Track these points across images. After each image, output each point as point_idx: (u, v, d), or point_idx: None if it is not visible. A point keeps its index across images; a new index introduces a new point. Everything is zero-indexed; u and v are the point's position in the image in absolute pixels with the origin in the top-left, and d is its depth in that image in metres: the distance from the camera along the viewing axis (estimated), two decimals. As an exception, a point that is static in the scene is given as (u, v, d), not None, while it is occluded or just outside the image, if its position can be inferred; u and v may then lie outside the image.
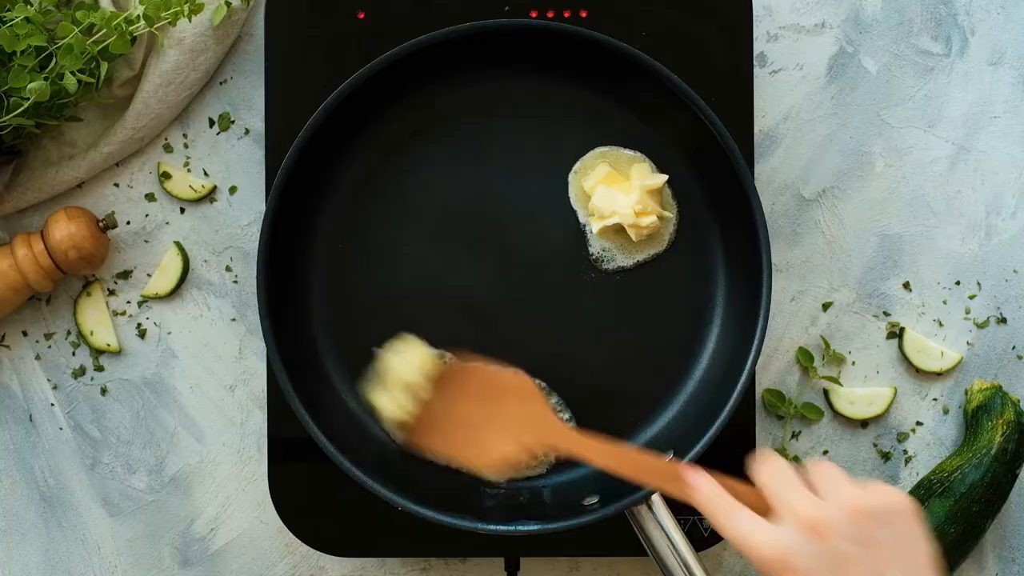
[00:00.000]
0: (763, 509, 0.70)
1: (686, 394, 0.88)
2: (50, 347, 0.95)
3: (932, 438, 0.94)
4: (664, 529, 0.80)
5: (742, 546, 0.69)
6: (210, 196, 0.95)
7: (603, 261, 0.89)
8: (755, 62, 0.94)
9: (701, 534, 0.88)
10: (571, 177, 0.88)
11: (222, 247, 0.95)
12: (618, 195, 0.86)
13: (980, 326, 0.95)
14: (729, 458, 0.85)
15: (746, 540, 0.69)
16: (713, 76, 0.88)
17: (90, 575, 0.95)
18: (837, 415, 0.94)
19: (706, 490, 0.72)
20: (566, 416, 0.88)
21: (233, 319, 0.95)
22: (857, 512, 0.67)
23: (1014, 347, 0.95)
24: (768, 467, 0.72)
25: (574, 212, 0.89)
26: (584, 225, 0.88)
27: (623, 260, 0.89)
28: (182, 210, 0.95)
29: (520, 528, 0.82)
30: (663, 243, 0.89)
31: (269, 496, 0.89)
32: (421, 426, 0.84)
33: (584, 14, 0.88)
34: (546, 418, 0.81)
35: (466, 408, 0.83)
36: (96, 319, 0.94)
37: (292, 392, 0.82)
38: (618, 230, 0.87)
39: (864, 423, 0.94)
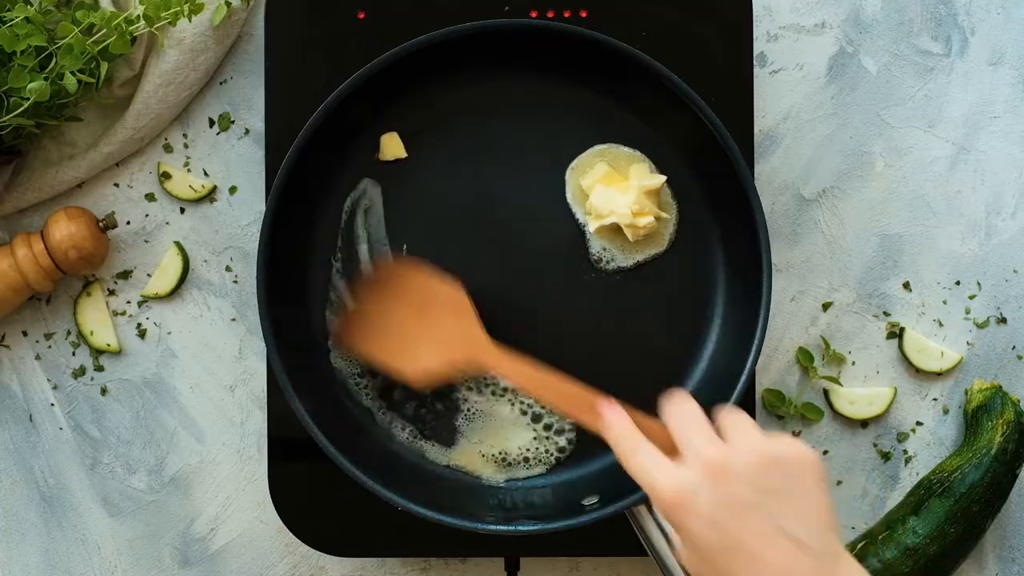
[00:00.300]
0: (672, 451, 0.70)
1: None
2: (50, 347, 0.95)
3: (932, 438, 0.94)
4: (664, 529, 0.80)
5: (644, 485, 0.69)
6: (210, 196, 0.95)
7: (603, 261, 0.89)
8: (755, 62, 0.94)
9: (701, 534, 0.88)
10: (568, 174, 0.88)
11: (222, 247, 0.95)
12: (616, 195, 0.86)
13: (980, 326, 0.95)
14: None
15: (648, 479, 0.69)
16: (713, 76, 0.88)
17: (90, 575, 0.95)
18: (837, 415, 0.94)
19: (616, 425, 0.72)
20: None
21: (233, 319, 0.95)
22: (760, 459, 0.67)
23: (1014, 347, 0.95)
24: (677, 407, 0.71)
25: (573, 212, 0.89)
26: (582, 224, 0.88)
27: (623, 260, 0.89)
28: (182, 210, 0.95)
29: (520, 528, 0.82)
30: (663, 243, 0.89)
31: (269, 496, 0.89)
32: (352, 327, 0.85)
33: (584, 14, 0.88)
34: (475, 335, 0.81)
35: (398, 315, 0.83)
36: (96, 319, 0.94)
37: (292, 392, 0.82)
38: (616, 230, 0.87)
39: (864, 423, 0.94)
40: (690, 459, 0.68)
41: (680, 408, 0.72)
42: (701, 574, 0.68)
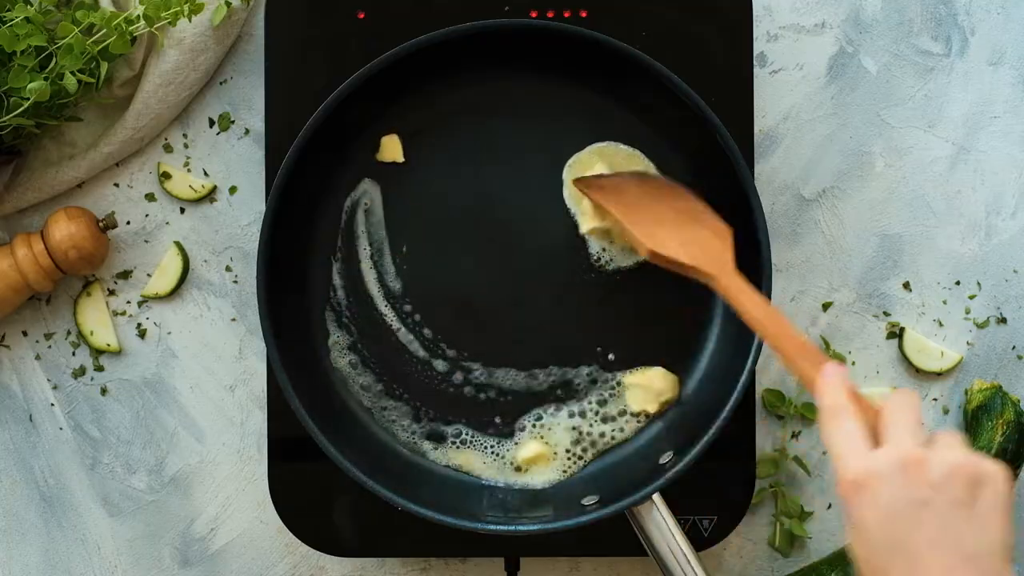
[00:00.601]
0: (878, 439, 0.67)
1: (686, 394, 0.88)
2: (50, 347, 0.95)
3: (932, 438, 0.94)
4: (664, 529, 0.80)
5: (833, 455, 0.67)
6: (210, 196, 0.95)
7: (602, 261, 0.89)
8: (755, 62, 0.94)
9: (701, 534, 0.88)
10: (565, 172, 0.88)
11: (222, 247, 0.95)
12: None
13: (980, 326, 0.95)
14: (729, 458, 0.85)
15: (840, 451, 0.67)
16: (713, 76, 0.88)
17: (90, 575, 0.95)
18: (837, 415, 0.94)
19: (832, 384, 0.69)
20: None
21: (233, 319, 0.95)
22: (955, 468, 0.65)
23: (1014, 347, 0.95)
24: (900, 397, 0.69)
25: (571, 211, 0.89)
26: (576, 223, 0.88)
27: (622, 260, 0.89)
28: (182, 210, 0.95)
29: (520, 528, 0.82)
30: (663, 243, 0.89)
31: (269, 496, 0.89)
32: (606, 187, 0.84)
33: (584, 14, 0.88)
34: (726, 258, 0.79)
35: (659, 204, 0.82)
36: (96, 319, 0.94)
37: (292, 392, 0.82)
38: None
39: (864, 423, 0.94)
40: (888, 448, 0.66)
41: (901, 399, 0.69)
42: (863, 563, 0.66)
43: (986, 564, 0.64)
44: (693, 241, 0.81)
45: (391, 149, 0.88)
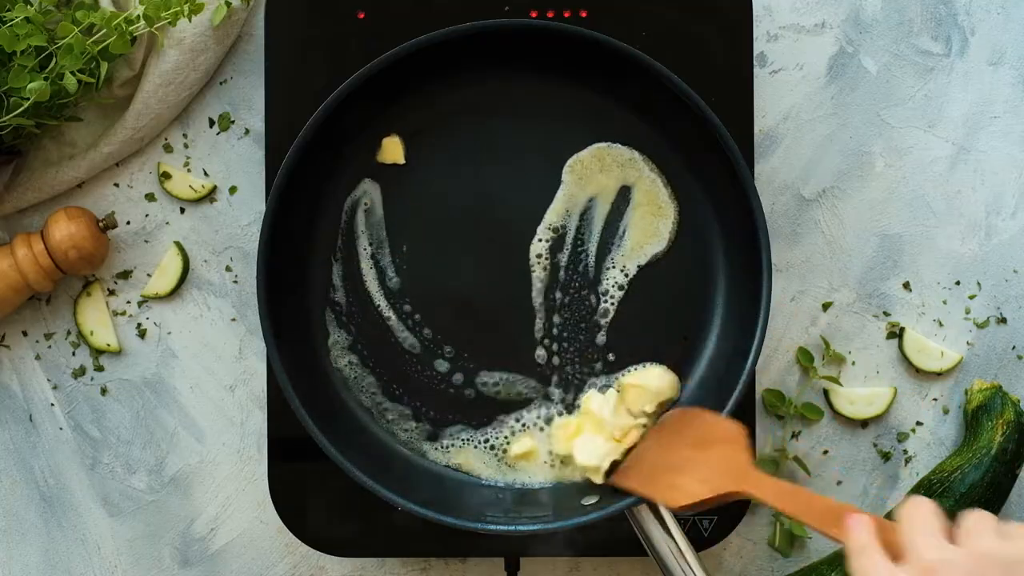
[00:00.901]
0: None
1: (686, 394, 0.88)
2: (50, 347, 0.95)
3: (932, 438, 0.94)
4: (664, 529, 0.80)
5: None
6: (210, 196, 0.95)
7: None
8: (755, 62, 0.94)
9: (701, 534, 0.88)
10: (565, 173, 0.88)
11: (222, 247, 0.95)
12: (597, 441, 0.86)
13: (980, 326, 0.95)
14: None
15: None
16: (713, 76, 0.88)
17: (90, 575, 0.95)
18: (837, 415, 0.94)
19: (857, 530, 0.70)
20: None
21: (233, 319, 0.95)
22: (984, 559, 0.64)
23: (1014, 347, 0.95)
24: (911, 510, 0.69)
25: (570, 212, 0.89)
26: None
27: (623, 262, 0.89)
28: (182, 210, 0.95)
29: (520, 528, 0.82)
30: (663, 243, 0.89)
31: (269, 496, 0.89)
32: (628, 468, 0.84)
33: (584, 14, 0.88)
34: (746, 467, 0.78)
35: (674, 453, 0.82)
36: (96, 319, 0.94)
37: (292, 392, 0.82)
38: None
39: (864, 423, 0.94)
40: (910, 562, 0.66)
41: (914, 511, 0.69)
42: None
43: None
44: (712, 470, 0.80)
45: (392, 151, 0.88)
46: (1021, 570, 0.64)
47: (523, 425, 0.88)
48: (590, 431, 0.86)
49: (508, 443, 0.88)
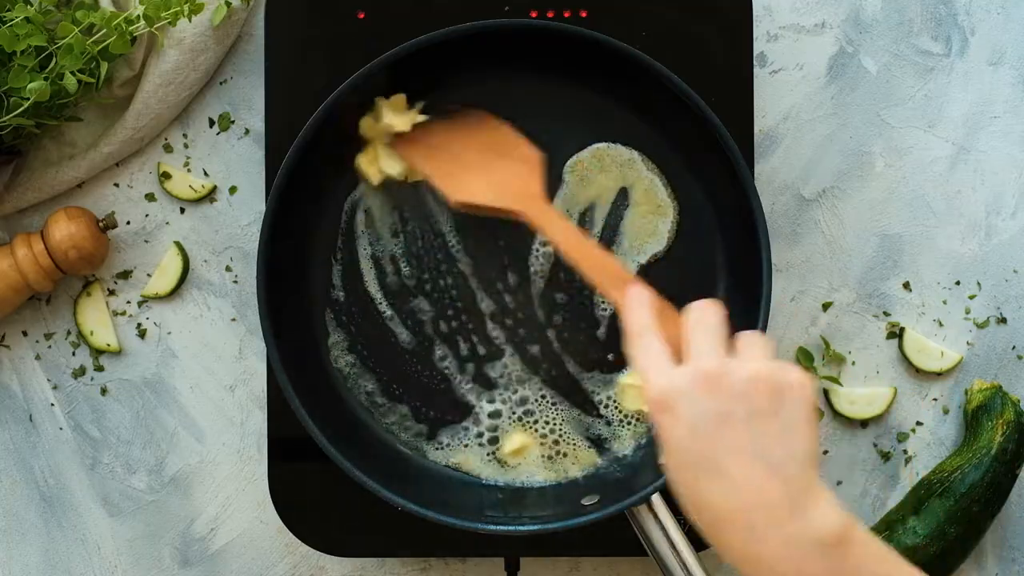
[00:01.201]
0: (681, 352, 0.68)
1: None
2: (50, 347, 0.95)
3: (932, 438, 0.94)
4: (664, 529, 0.80)
5: (640, 375, 0.68)
6: (210, 196, 0.95)
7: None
8: (755, 62, 0.94)
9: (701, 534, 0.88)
10: (566, 173, 0.88)
11: (222, 247, 0.95)
12: None
13: (980, 326, 0.95)
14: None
15: (643, 370, 0.68)
16: (713, 76, 0.88)
17: (90, 575, 0.95)
18: (837, 415, 0.94)
19: (636, 306, 0.71)
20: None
21: (233, 319, 0.95)
22: (753, 377, 0.65)
23: (1014, 347, 0.95)
24: (698, 311, 0.70)
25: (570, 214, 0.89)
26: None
27: (623, 261, 0.89)
28: (182, 210, 0.95)
29: (520, 528, 0.82)
30: (663, 243, 0.89)
31: (269, 496, 0.89)
32: (413, 140, 0.84)
33: (584, 14, 0.88)
34: (534, 187, 0.79)
35: (465, 146, 0.82)
36: (96, 319, 0.94)
37: (292, 392, 0.82)
38: None
39: (864, 423, 0.94)
40: (688, 363, 0.67)
41: (700, 313, 0.69)
42: (674, 484, 0.66)
43: (792, 471, 0.64)
44: (499, 180, 0.80)
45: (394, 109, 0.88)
46: (784, 391, 0.65)
47: (522, 426, 0.88)
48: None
49: (507, 443, 0.88)
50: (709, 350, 0.67)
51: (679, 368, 0.67)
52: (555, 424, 0.88)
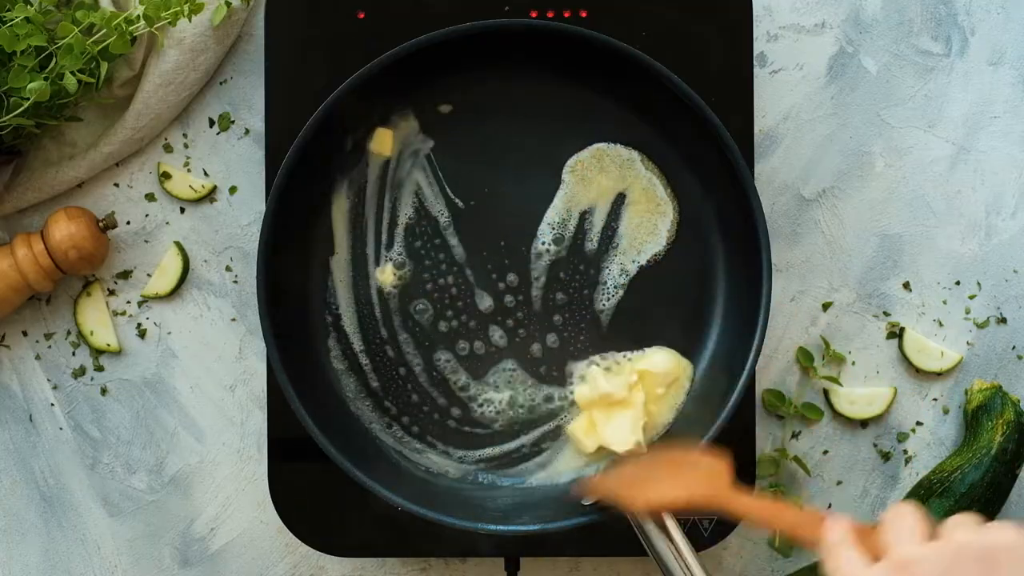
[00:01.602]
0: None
1: (686, 395, 0.88)
2: (50, 347, 0.95)
3: (932, 438, 0.94)
4: (664, 529, 0.80)
5: None
6: (210, 196, 0.95)
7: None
8: (755, 62, 0.94)
9: (701, 534, 0.88)
10: (566, 173, 0.88)
11: (222, 247, 0.95)
12: (618, 419, 0.86)
13: (980, 326, 0.95)
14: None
15: (838, 574, 0.66)
16: (713, 76, 0.88)
17: (90, 575, 0.95)
18: (837, 415, 0.94)
19: (836, 531, 0.68)
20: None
21: (233, 319, 0.95)
22: (959, 550, 0.62)
23: (1014, 347, 0.95)
24: (894, 513, 0.67)
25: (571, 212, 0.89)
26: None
27: (623, 261, 0.89)
28: (182, 210, 0.95)
29: (520, 528, 0.82)
30: (663, 243, 0.89)
31: (269, 496, 0.89)
32: (609, 474, 0.84)
33: (584, 14, 0.88)
34: (725, 479, 0.77)
35: (656, 468, 0.81)
36: (96, 319, 0.94)
37: (292, 392, 0.82)
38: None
39: (864, 423, 0.94)
40: (887, 557, 0.65)
41: (897, 512, 0.67)
42: None
43: None
44: (690, 478, 0.79)
45: (382, 142, 0.88)
46: (996, 555, 0.62)
47: (523, 424, 0.88)
48: (603, 413, 0.86)
49: (510, 441, 0.88)
50: (905, 539, 0.64)
51: (875, 565, 0.64)
52: (555, 424, 0.88)
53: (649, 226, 0.89)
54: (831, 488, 0.94)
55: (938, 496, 0.89)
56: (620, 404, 0.86)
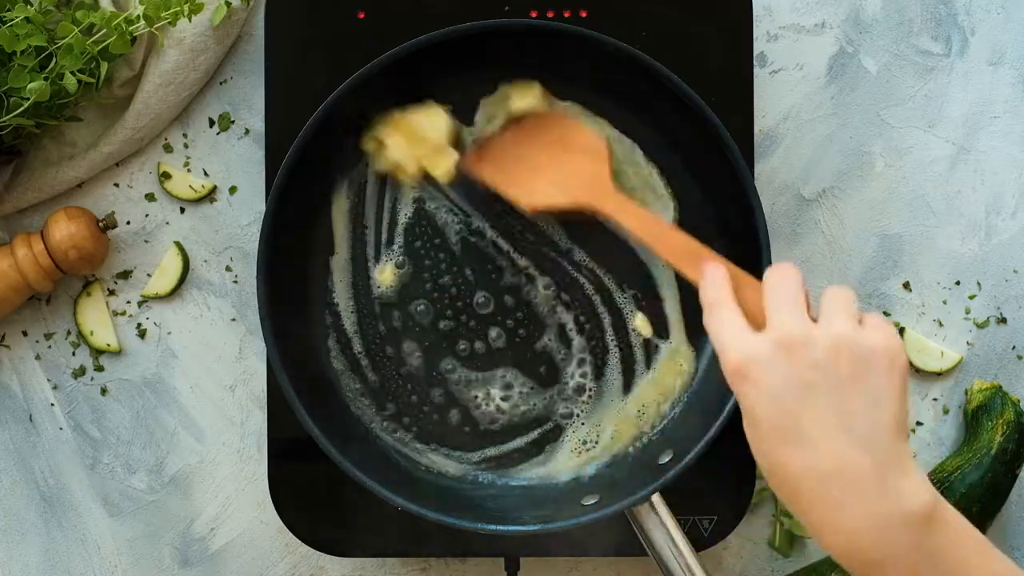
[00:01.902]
0: (762, 322, 0.66)
1: (686, 394, 0.88)
2: (50, 347, 0.95)
3: (932, 438, 0.94)
4: (664, 529, 0.80)
5: (715, 345, 0.66)
6: (210, 196, 0.95)
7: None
8: (755, 62, 0.94)
9: (701, 534, 0.88)
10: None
11: (222, 247, 0.95)
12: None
13: (980, 326, 0.95)
14: (729, 458, 0.85)
15: (720, 340, 0.66)
16: (713, 76, 0.88)
17: (90, 575, 0.95)
18: (837, 415, 0.94)
19: (712, 280, 0.69)
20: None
21: (233, 319, 0.95)
22: (838, 343, 0.63)
23: (1014, 347, 0.95)
24: (776, 275, 0.67)
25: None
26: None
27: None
28: (182, 210, 0.95)
29: (520, 528, 0.82)
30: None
31: (269, 496, 0.89)
32: (480, 153, 0.84)
33: (584, 14, 0.88)
34: (603, 180, 0.78)
35: (531, 150, 0.82)
36: (96, 319, 0.94)
37: (292, 392, 0.82)
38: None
39: (864, 423, 0.94)
40: (770, 330, 0.64)
41: (779, 276, 0.67)
42: (756, 453, 0.65)
43: (879, 443, 0.62)
44: (567, 177, 0.80)
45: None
46: (869, 358, 0.63)
47: (525, 424, 0.88)
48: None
49: (511, 441, 0.88)
50: (789, 314, 0.65)
51: (758, 335, 0.65)
52: (554, 424, 0.88)
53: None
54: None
55: (938, 496, 0.89)
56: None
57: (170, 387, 0.95)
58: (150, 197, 0.95)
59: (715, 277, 0.70)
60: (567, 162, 0.81)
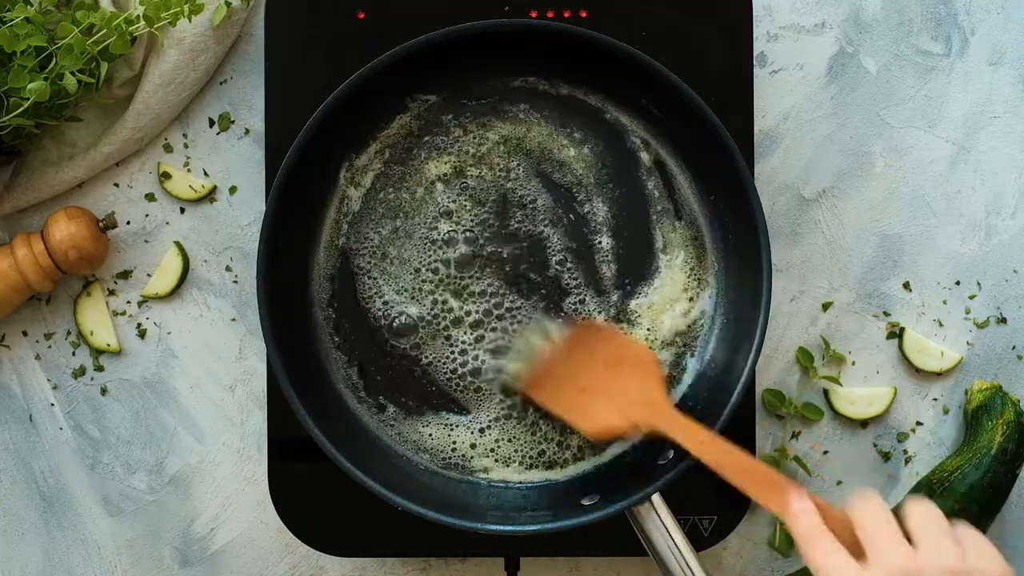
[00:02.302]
0: (856, 547, 0.69)
1: (687, 392, 0.88)
2: (50, 347, 0.95)
3: (932, 438, 0.94)
4: (664, 529, 0.80)
5: None
6: (210, 196, 0.95)
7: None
8: (755, 62, 0.94)
9: (701, 534, 0.88)
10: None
11: (222, 247, 0.95)
12: None
13: (980, 326, 0.95)
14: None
15: (826, 573, 0.68)
16: (713, 76, 0.88)
17: (90, 575, 0.95)
18: (837, 415, 0.94)
19: (804, 517, 0.70)
20: None
21: (233, 319, 0.95)
22: (951, 573, 0.65)
23: (1014, 347, 0.95)
24: (866, 506, 0.70)
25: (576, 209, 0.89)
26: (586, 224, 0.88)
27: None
28: (182, 210, 0.95)
29: (520, 528, 0.82)
30: (661, 243, 0.89)
31: (269, 496, 0.89)
32: (537, 378, 0.85)
33: (584, 14, 0.88)
34: (658, 398, 0.80)
35: (585, 371, 0.83)
36: (96, 319, 0.94)
37: (292, 392, 0.82)
38: None
39: (864, 423, 0.94)
40: (875, 564, 0.67)
41: (868, 506, 0.70)
42: None
43: None
44: (620, 396, 0.81)
45: None
46: None
47: (524, 422, 0.88)
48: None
49: (511, 440, 0.88)
50: (890, 545, 0.67)
51: (867, 570, 0.67)
52: (555, 423, 0.88)
53: (649, 226, 0.89)
54: (831, 488, 0.94)
55: (938, 496, 0.89)
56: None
57: (170, 387, 0.95)
58: (150, 197, 0.95)
59: (806, 511, 0.71)
60: (618, 380, 0.82)
